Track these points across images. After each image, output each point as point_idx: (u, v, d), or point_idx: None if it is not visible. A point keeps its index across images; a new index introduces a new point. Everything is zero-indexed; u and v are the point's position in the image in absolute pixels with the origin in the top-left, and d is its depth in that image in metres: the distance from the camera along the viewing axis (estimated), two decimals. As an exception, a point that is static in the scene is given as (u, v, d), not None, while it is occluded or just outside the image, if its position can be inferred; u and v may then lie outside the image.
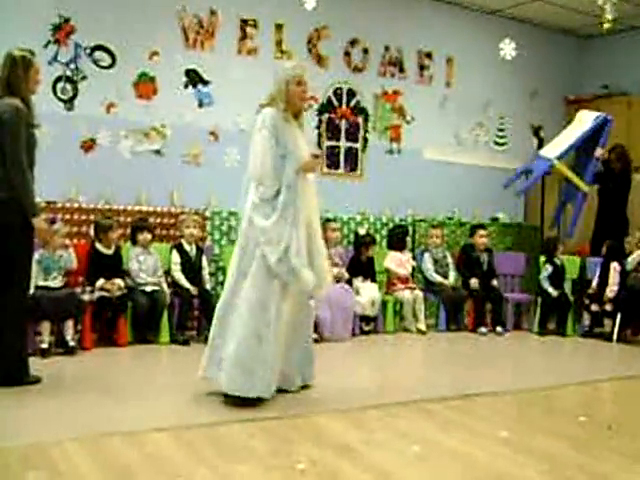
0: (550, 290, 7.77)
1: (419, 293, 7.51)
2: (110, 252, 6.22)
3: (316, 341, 6.66)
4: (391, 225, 8.19)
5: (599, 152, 8.03)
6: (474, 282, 7.68)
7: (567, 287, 8.03)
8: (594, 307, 7.55)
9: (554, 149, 8.25)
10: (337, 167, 8.54)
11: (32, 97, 4.60)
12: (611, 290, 7.46)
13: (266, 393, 4.24)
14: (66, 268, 5.93)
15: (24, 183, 4.42)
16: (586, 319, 7.69)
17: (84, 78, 7.06)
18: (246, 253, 4.34)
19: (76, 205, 6.66)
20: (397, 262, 7.64)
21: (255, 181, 4.36)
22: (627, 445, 3.82)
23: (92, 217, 6.51)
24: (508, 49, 8.41)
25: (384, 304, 7.36)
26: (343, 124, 8.58)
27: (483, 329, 7.45)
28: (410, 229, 8.20)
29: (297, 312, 4.56)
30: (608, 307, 7.41)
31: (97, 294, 5.96)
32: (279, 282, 4.27)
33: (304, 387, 4.72)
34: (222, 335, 4.36)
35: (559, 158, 8.05)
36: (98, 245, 6.20)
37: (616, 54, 9.92)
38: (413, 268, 7.77)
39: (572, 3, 8.89)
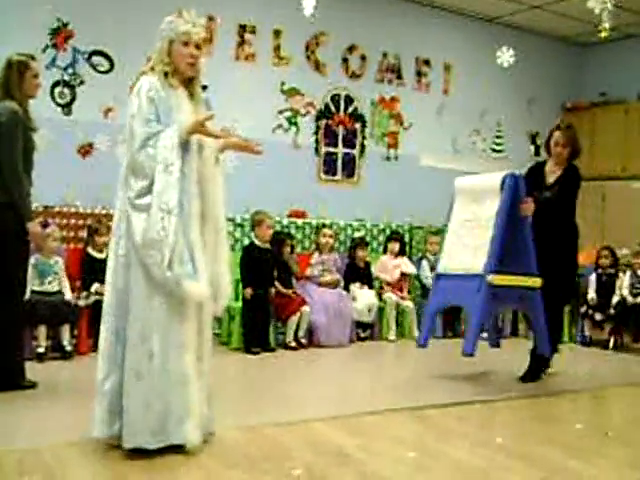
0: None
1: (408, 304, 7.52)
2: (102, 256, 6.20)
3: (307, 347, 6.69)
4: (388, 232, 8.20)
5: (526, 208, 5.27)
6: None
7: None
8: (598, 316, 7.54)
9: (472, 258, 5.33)
10: (334, 173, 8.54)
11: (30, 101, 4.60)
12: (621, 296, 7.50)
13: (151, 442, 3.35)
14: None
15: (20, 187, 4.41)
16: (587, 328, 7.68)
17: (82, 83, 7.05)
18: (131, 264, 3.40)
19: (73, 210, 6.65)
20: (382, 267, 7.65)
21: (131, 171, 3.39)
22: (624, 452, 3.82)
23: (89, 222, 6.50)
24: (505, 56, 8.42)
25: (381, 310, 7.36)
26: (341, 130, 8.59)
27: (484, 334, 7.48)
28: (407, 236, 8.19)
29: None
30: (612, 311, 7.43)
31: (92, 298, 5.94)
32: (167, 301, 3.37)
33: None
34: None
35: (495, 271, 5.12)
36: (90, 249, 6.21)
37: (613, 62, 9.94)
38: (402, 274, 7.73)
39: (569, 11, 8.91)
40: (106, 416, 3.44)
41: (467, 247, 5.38)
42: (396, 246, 7.79)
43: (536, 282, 5.27)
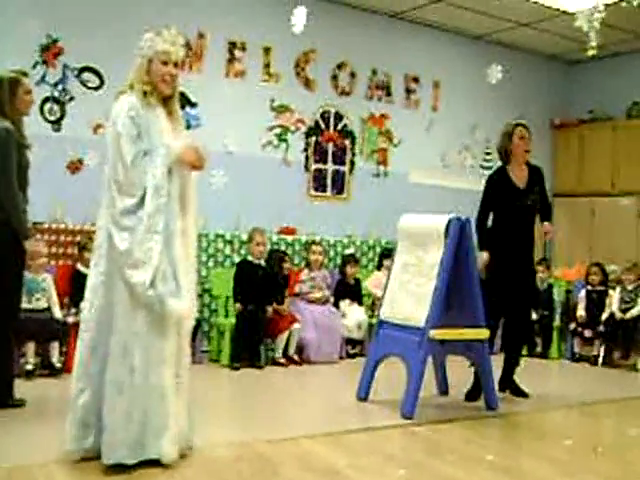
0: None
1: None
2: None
3: (301, 363, 6.68)
4: (378, 248, 8.23)
5: (481, 262, 5.33)
6: None
7: (558, 310, 8.08)
8: (587, 333, 7.56)
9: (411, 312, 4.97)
10: (324, 190, 8.55)
11: (24, 118, 4.60)
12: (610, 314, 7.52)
13: (130, 457, 3.36)
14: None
15: (15, 205, 4.40)
16: (576, 345, 7.71)
17: (72, 99, 7.05)
18: (113, 282, 3.43)
19: (62, 226, 6.63)
20: (376, 283, 7.66)
21: (116, 189, 3.41)
22: (613, 468, 3.82)
23: (79, 238, 6.48)
24: (494, 73, 8.48)
25: (371, 327, 7.35)
26: (330, 147, 8.60)
27: None
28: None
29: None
30: (602, 327, 7.46)
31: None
32: (149, 316, 3.39)
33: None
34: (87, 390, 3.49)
35: (438, 326, 4.81)
36: (79, 265, 6.19)
37: (601, 79, 10.02)
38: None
39: (557, 29, 8.98)
40: (79, 431, 3.44)
41: (410, 295, 5.01)
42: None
43: (482, 334, 4.99)
